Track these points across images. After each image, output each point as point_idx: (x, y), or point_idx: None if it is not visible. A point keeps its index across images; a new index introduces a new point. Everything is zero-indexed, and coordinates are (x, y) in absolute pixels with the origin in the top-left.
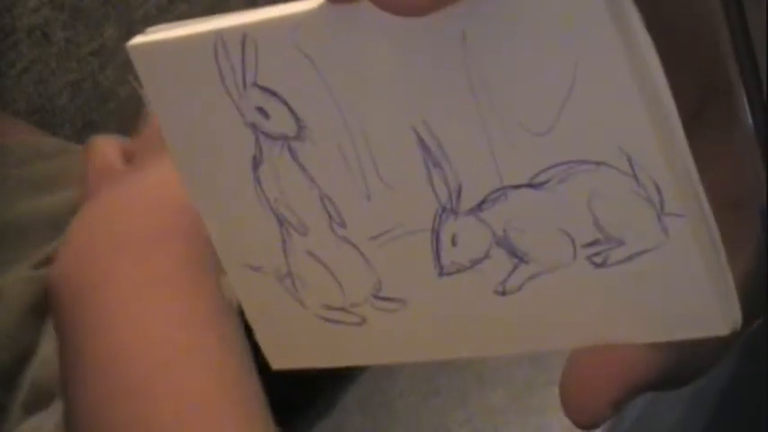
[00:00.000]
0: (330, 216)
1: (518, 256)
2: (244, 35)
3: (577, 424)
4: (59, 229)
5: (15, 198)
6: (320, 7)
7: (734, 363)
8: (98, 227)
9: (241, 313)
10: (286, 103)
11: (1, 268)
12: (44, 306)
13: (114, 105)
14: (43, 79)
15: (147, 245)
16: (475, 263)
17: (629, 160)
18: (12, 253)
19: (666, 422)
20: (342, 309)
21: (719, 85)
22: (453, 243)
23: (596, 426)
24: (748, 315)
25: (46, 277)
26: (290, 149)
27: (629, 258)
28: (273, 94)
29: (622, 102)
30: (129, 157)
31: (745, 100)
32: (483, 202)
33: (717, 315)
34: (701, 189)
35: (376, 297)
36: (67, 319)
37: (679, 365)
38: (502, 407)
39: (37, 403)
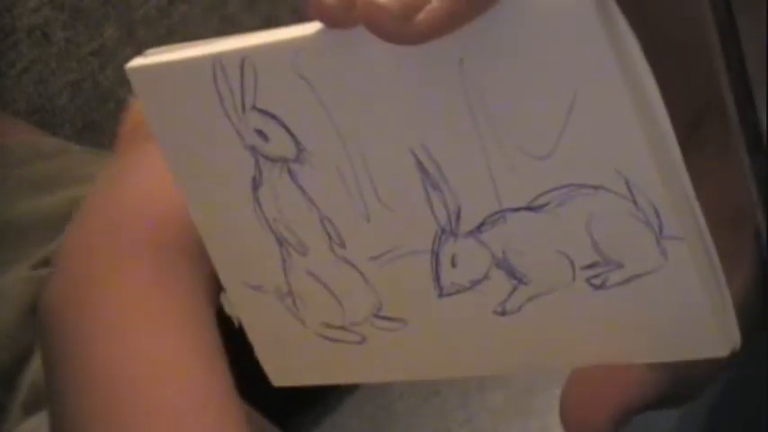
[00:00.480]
0: (330, 237)
1: (517, 278)
2: (243, 59)
3: None
4: (59, 230)
5: (15, 198)
6: (318, 32)
7: (733, 365)
8: (90, 240)
9: (241, 331)
10: (285, 126)
11: (1, 268)
12: None
13: (114, 105)
14: (43, 79)
15: (133, 259)
16: (474, 284)
17: (628, 184)
18: (12, 253)
19: (665, 424)
20: (342, 327)
21: (714, 102)
22: (453, 264)
23: None
24: (747, 331)
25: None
26: (290, 171)
27: (628, 281)
28: (273, 117)
29: (620, 126)
30: None
31: (736, 118)
32: (482, 224)
33: (716, 337)
34: (699, 212)
35: (376, 316)
36: (57, 331)
37: (674, 385)
38: (502, 408)
39: (36, 403)
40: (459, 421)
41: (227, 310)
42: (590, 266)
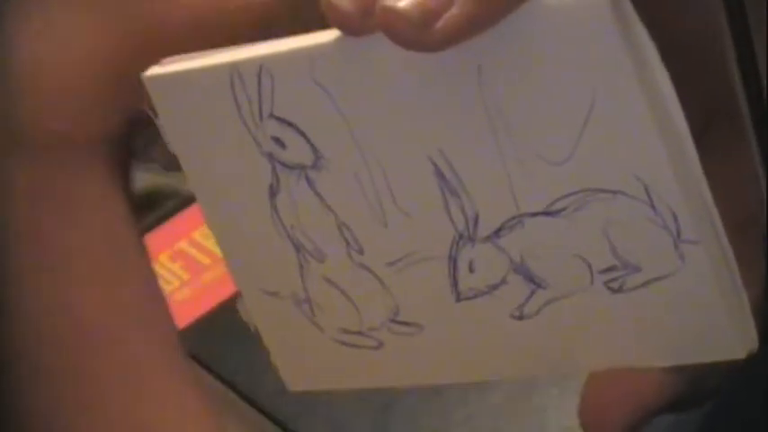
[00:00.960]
0: (347, 243)
1: (535, 282)
2: (260, 67)
3: None
4: None
5: None
6: (336, 40)
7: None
8: None
9: (258, 337)
10: (303, 134)
11: None
12: None
13: None
14: None
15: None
16: (492, 288)
17: (646, 189)
18: None
19: (664, 424)
20: (359, 333)
21: (723, 105)
22: (470, 269)
23: None
24: (762, 333)
25: None
26: (308, 178)
27: (646, 284)
28: (290, 124)
29: (638, 132)
30: None
31: (749, 119)
32: (500, 229)
33: (733, 339)
34: (716, 216)
35: (393, 321)
36: None
37: (691, 387)
38: (502, 407)
39: None
40: (458, 420)
41: (244, 316)
42: (608, 270)
